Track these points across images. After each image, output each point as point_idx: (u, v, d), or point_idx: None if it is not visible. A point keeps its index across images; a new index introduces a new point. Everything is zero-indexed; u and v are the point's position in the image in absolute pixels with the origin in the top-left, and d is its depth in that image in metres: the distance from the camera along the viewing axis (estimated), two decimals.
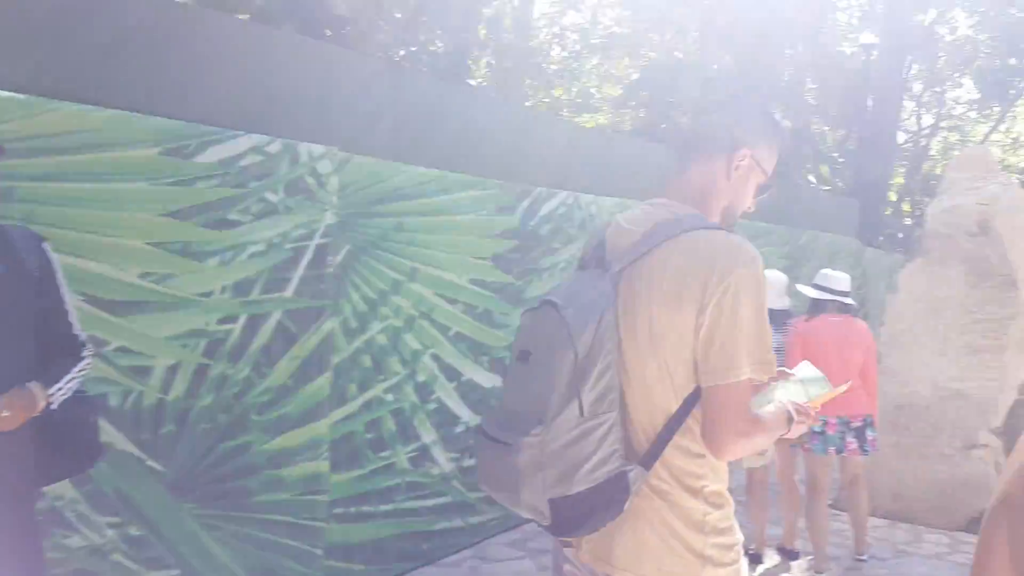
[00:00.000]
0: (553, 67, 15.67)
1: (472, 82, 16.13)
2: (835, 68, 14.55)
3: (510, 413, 1.58)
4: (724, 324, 1.49)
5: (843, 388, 1.97)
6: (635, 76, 13.51)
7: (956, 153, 10.91)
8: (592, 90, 16.87)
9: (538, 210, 5.08)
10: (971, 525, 5.20)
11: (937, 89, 17.64)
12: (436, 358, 4.44)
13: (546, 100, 15.52)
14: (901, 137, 17.11)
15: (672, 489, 1.55)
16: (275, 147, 3.60)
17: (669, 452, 1.54)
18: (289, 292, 3.67)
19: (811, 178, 16.02)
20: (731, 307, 1.49)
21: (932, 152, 18.06)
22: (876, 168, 13.59)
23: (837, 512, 5.09)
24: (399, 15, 14.22)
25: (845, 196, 13.75)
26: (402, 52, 15.37)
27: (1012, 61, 14.03)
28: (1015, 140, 20.87)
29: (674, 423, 1.54)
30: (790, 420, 1.66)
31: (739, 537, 1.62)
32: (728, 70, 12.77)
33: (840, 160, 15.34)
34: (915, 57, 14.90)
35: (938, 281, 5.40)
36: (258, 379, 3.59)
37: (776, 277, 4.70)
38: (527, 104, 15.54)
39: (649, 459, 1.54)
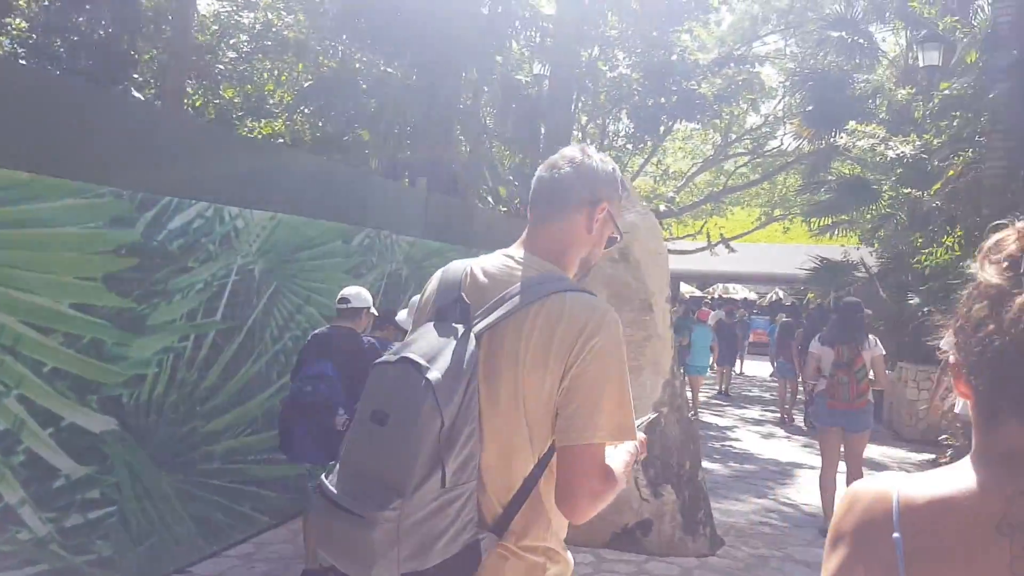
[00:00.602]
0: (220, 67, 14.62)
1: (137, 76, 14.65)
2: (511, 95, 15.15)
3: (357, 476, 1.52)
4: (585, 386, 1.52)
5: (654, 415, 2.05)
6: (308, 83, 13.00)
7: None
8: (274, 95, 16.05)
9: (167, 222, 4.46)
10: (613, 541, 5.42)
11: (599, 122, 19.20)
12: (24, 400, 3.67)
13: (216, 102, 14.45)
14: None
15: (516, 548, 1.56)
16: None
17: (520, 513, 1.56)
18: None
19: (489, 199, 16.57)
20: (594, 370, 1.52)
21: None
22: None
23: None
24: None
25: (521, 218, 14.37)
26: (57, 40, 13.53)
27: (662, 100, 15.60)
28: (664, 172, 23.52)
29: (529, 484, 1.56)
30: (635, 458, 1.73)
31: None
32: (409, 88, 12.74)
33: (516, 183, 16.01)
34: (580, 91, 16.02)
35: None
36: None
37: None
38: (193, 104, 14.41)
39: (502, 523, 1.55)
